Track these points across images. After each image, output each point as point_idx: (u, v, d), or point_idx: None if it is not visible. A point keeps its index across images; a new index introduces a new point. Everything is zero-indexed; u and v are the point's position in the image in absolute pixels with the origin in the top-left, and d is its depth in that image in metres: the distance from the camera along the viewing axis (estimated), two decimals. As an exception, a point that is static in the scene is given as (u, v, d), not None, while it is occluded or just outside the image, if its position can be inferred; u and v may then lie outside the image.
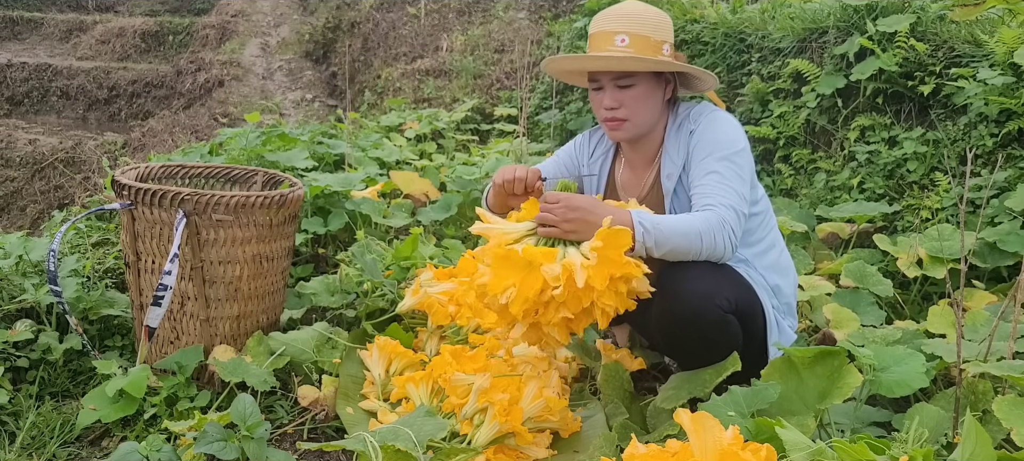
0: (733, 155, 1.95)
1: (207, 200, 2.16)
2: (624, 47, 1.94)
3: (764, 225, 2.10)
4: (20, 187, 7.61)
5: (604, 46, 1.96)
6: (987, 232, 2.58)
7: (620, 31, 1.94)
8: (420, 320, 2.53)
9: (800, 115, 3.48)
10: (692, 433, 1.38)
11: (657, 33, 1.96)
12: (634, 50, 1.94)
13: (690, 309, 1.84)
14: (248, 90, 8.48)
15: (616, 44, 1.94)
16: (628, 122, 2.02)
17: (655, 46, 1.95)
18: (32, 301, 2.41)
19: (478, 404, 1.89)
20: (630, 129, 2.04)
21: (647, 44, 1.94)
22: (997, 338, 1.85)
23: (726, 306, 1.85)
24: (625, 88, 1.99)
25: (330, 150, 3.96)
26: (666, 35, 1.98)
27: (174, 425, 1.94)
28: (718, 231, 1.84)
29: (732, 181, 1.91)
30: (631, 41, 1.94)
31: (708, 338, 1.87)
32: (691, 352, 1.94)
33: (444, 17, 7.74)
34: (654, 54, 1.95)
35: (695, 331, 1.86)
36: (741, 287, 1.93)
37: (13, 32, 11.54)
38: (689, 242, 1.83)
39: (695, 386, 1.85)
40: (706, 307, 1.83)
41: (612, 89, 2.00)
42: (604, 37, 1.97)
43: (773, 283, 2.04)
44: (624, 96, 1.99)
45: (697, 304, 1.84)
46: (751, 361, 1.90)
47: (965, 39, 3.09)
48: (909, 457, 1.32)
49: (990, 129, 2.82)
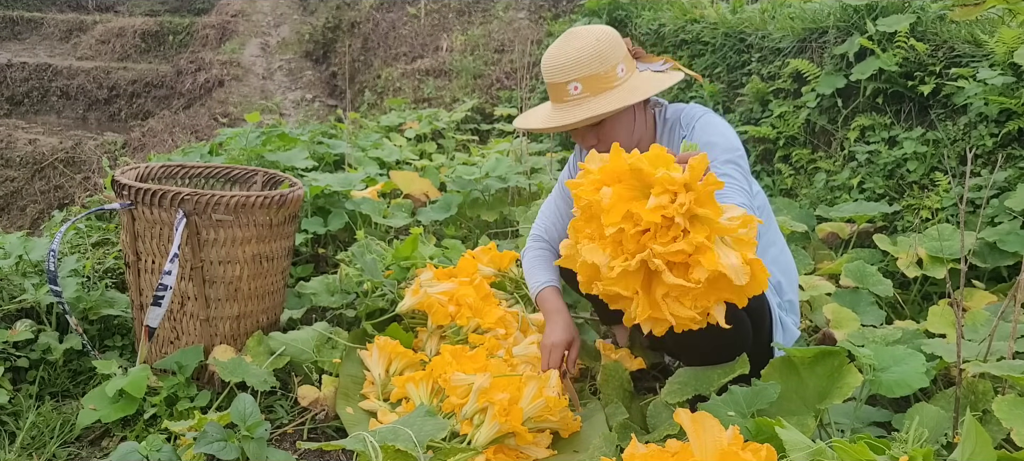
0: (737, 159, 1.94)
1: (207, 200, 2.17)
2: (579, 95, 1.93)
3: (769, 222, 2.10)
4: (20, 187, 7.61)
5: (561, 98, 1.96)
6: (987, 232, 2.58)
7: (570, 80, 1.93)
8: (420, 320, 2.53)
9: (800, 115, 3.48)
10: (692, 433, 1.38)
11: (603, 63, 1.92)
12: (590, 93, 1.92)
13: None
14: (248, 90, 8.48)
15: (571, 93, 1.93)
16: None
17: (606, 78, 1.93)
18: (32, 301, 2.41)
19: (478, 404, 1.89)
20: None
21: (598, 81, 1.92)
22: (997, 338, 1.85)
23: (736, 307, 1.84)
24: (597, 126, 1.99)
25: (330, 150, 3.96)
26: (614, 56, 1.94)
27: (174, 425, 1.94)
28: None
29: (740, 182, 1.90)
30: (584, 86, 1.92)
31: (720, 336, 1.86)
32: (701, 350, 1.92)
33: (444, 17, 7.74)
34: (609, 85, 1.93)
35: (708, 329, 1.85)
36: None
37: (13, 32, 11.54)
38: None
39: (701, 384, 1.84)
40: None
41: (584, 131, 2.01)
42: (557, 89, 1.96)
43: (776, 280, 2.04)
44: (599, 131, 1.99)
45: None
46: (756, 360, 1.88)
47: (965, 39, 3.09)
48: (909, 457, 1.32)
49: (990, 129, 2.82)
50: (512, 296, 2.66)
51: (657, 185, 1.41)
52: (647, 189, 1.44)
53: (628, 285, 1.46)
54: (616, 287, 1.46)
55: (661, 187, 1.41)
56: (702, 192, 1.40)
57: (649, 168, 1.42)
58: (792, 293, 2.10)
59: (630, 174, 1.45)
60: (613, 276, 1.44)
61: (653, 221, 1.40)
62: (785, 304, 2.07)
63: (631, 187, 1.46)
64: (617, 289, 1.46)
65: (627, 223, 1.43)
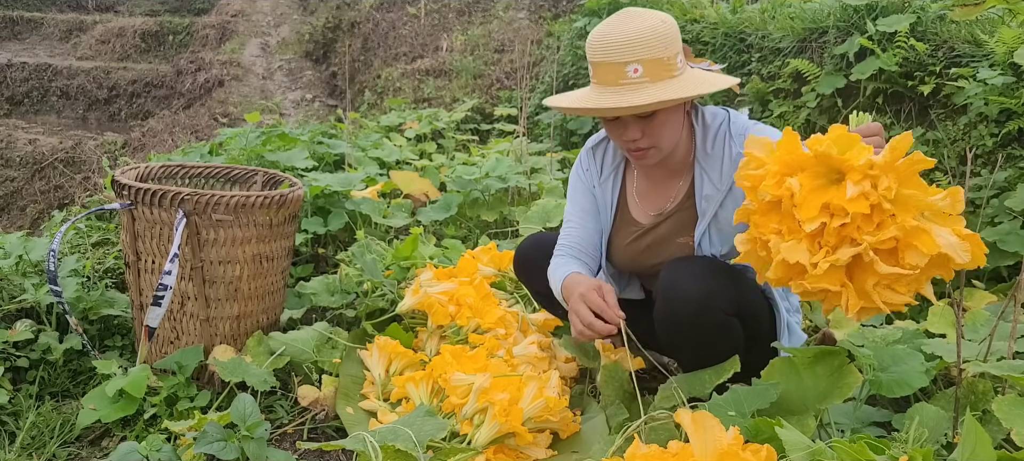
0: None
1: (207, 200, 2.17)
2: (638, 78, 1.73)
3: None
4: (20, 187, 7.62)
5: (615, 80, 1.75)
6: (987, 232, 2.58)
7: (631, 61, 1.72)
8: (420, 320, 2.53)
9: (800, 115, 3.48)
10: (692, 433, 1.38)
11: (667, 48, 1.74)
12: (649, 79, 1.73)
13: (690, 311, 1.79)
14: (248, 90, 8.48)
15: (629, 75, 1.73)
16: (654, 149, 1.84)
17: (669, 65, 1.74)
18: (32, 301, 2.41)
19: (478, 404, 1.89)
20: (656, 155, 1.86)
21: (661, 67, 1.73)
22: (997, 338, 1.85)
23: (727, 308, 1.81)
24: (647, 117, 1.79)
25: (330, 150, 3.96)
26: (675, 43, 1.77)
27: (174, 425, 1.94)
28: None
29: None
30: (645, 70, 1.73)
31: (709, 340, 1.84)
32: (692, 354, 1.91)
33: (444, 17, 7.74)
34: (670, 74, 1.75)
35: (695, 333, 1.82)
36: (744, 288, 1.87)
37: (13, 32, 11.54)
38: None
39: (694, 387, 1.85)
40: (707, 309, 1.79)
41: (632, 121, 1.80)
42: (613, 70, 1.74)
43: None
44: (646, 125, 1.80)
45: (697, 306, 1.79)
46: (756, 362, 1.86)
47: (965, 39, 3.09)
48: (909, 457, 1.32)
49: (990, 129, 2.82)
50: (512, 296, 2.66)
51: (854, 172, 1.32)
52: (834, 174, 1.36)
53: (835, 279, 1.38)
54: (823, 283, 1.38)
55: (860, 173, 1.32)
56: (904, 171, 1.31)
57: (838, 153, 1.33)
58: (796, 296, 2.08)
59: (815, 161, 1.36)
60: (820, 274, 1.37)
61: (859, 212, 1.32)
62: (792, 307, 2.04)
63: (817, 175, 1.37)
64: (824, 285, 1.38)
65: (826, 216, 1.35)
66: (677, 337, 1.88)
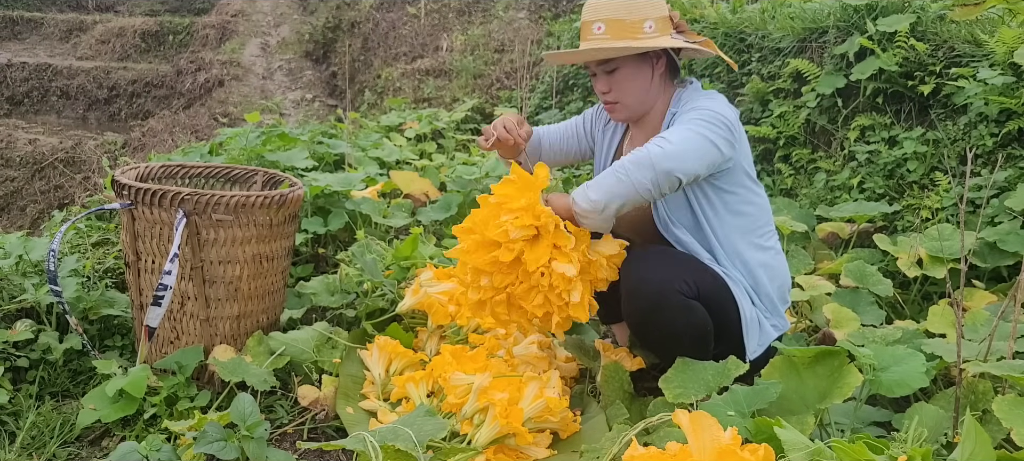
0: (707, 116, 1.91)
1: (207, 200, 2.17)
2: (601, 35, 2.00)
3: (759, 222, 2.08)
4: (20, 187, 7.62)
5: (586, 36, 2.03)
6: (987, 232, 2.58)
7: (596, 20, 2.00)
8: (420, 320, 2.53)
9: (800, 115, 3.48)
10: (690, 433, 1.38)
11: (632, 13, 1.98)
12: (610, 36, 1.99)
13: (650, 296, 1.89)
14: (248, 90, 8.48)
15: (594, 33, 2.01)
16: (619, 104, 2.09)
17: (632, 27, 1.98)
18: (32, 301, 2.41)
19: (478, 404, 1.89)
20: (623, 111, 2.11)
21: (622, 27, 1.98)
22: (997, 338, 1.85)
23: (687, 291, 1.89)
24: (611, 73, 2.05)
25: (330, 150, 3.96)
26: (646, 12, 1.99)
27: (174, 425, 1.94)
28: (639, 166, 1.82)
29: (689, 125, 1.89)
30: (606, 28, 1.99)
31: (673, 324, 1.90)
32: (660, 342, 1.98)
33: (444, 17, 7.74)
34: (632, 36, 1.98)
35: (659, 318, 1.90)
36: (705, 274, 1.96)
37: (13, 32, 11.55)
38: (617, 179, 1.84)
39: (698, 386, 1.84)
40: (666, 292, 1.88)
41: (601, 75, 2.07)
42: (585, 28, 2.04)
43: (756, 280, 2.03)
44: (611, 80, 2.05)
45: (656, 290, 1.88)
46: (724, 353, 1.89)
47: (965, 39, 3.09)
48: (908, 457, 1.32)
49: (990, 129, 2.82)
50: (512, 296, 2.66)
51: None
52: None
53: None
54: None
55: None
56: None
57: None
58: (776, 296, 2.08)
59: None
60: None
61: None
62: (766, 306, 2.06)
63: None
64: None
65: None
66: (644, 326, 1.98)
